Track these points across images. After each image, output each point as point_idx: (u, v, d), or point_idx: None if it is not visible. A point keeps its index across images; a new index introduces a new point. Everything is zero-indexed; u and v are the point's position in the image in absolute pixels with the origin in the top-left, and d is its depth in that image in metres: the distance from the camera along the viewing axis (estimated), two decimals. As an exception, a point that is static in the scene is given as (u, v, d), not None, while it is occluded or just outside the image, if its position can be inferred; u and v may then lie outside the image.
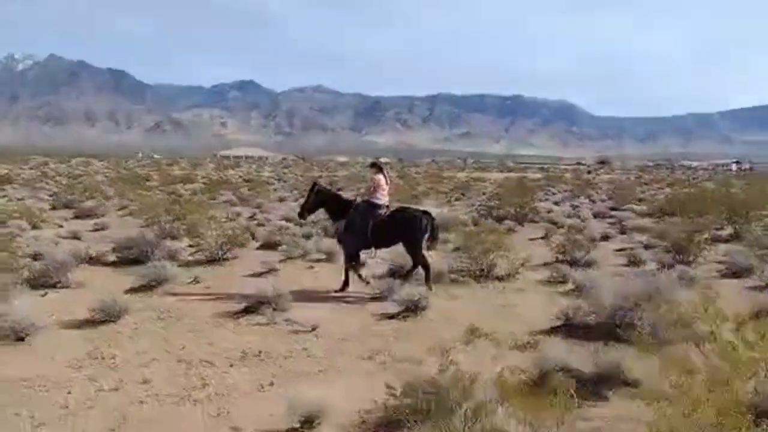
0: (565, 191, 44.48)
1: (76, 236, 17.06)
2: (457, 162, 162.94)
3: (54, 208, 26.18)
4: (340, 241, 11.13)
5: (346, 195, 13.23)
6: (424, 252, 10.64)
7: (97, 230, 19.29)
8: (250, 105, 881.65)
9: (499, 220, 21.32)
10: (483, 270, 11.54)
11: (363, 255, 11.14)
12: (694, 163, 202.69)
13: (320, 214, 12.22)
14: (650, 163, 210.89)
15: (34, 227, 18.75)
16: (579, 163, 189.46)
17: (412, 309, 8.79)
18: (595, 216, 25.14)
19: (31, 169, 67.78)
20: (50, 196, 33.60)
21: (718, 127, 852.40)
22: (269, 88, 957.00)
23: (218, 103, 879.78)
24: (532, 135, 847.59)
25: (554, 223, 21.43)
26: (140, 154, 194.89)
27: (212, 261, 13.10)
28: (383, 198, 10.88)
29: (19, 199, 30.23)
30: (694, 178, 73.69)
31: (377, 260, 11.84)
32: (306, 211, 11.31)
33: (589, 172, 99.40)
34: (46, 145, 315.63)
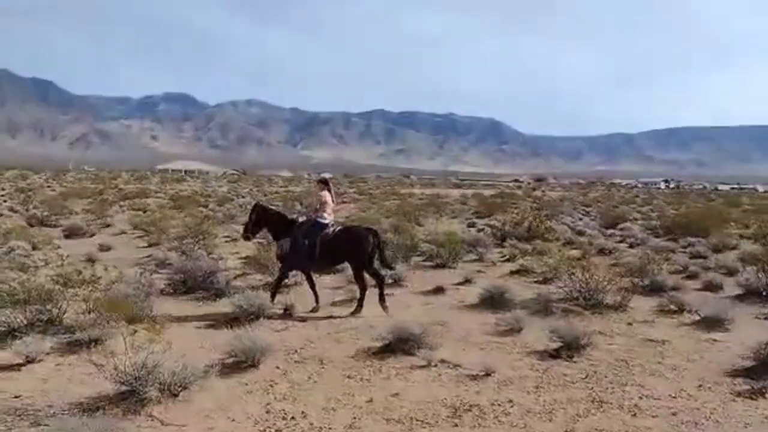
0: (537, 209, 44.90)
1: (90, 259, 15.47)
2: (400, 179, 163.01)
3: (31, 225, 24.12)
4: (282, 261, 10.76)
5: (289, 214, 12.74)
6: (377, 269, 10.55)
7: (102, 251, 17.66)
8: (182, 117, 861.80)
9: (517, 239, 20.81)
10: (590, 299, 10.84)
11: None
12: (624, 182, 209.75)
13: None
14: (582, 181, 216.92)
15: (34, 248, 17.01)
16: (516, 180, 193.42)
17: (575, 347, 8.02)
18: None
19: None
20: (13, 212, 31.29)
21: (640, 147, 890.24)
22: (202, 101, 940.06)
23: (148, 115, 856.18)
24: (465, 153, 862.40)
25: (569, 243, 21.14)
26: (70, 166, 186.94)
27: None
28: (329, 217, 10.68)
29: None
30: (641, 194, 76.18)
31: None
32: (250, 231, 11.00)
33: (534, 189, 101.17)
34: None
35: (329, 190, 10.94)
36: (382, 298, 10.25)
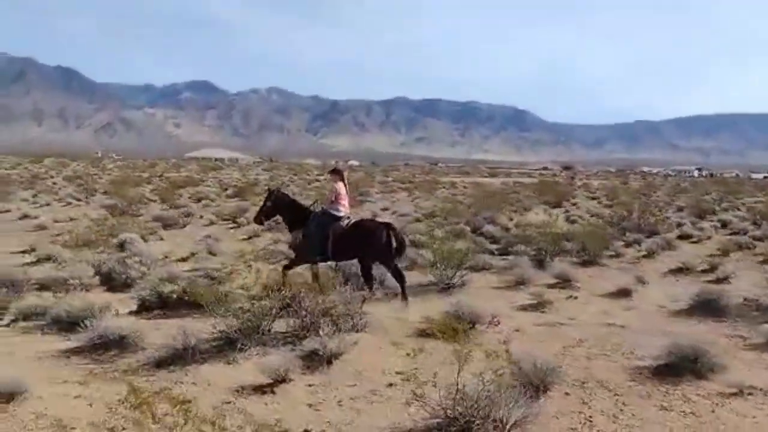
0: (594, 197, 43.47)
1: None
2: (431, 167, 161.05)
3: (113, 215, 23.33)
4: (296, 251, 10.55)
5: (304, 202, 11.95)
6: (398, 267, 10.13)
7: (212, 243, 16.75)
8: (204, 105, 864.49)
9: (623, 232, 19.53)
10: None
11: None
12: (654, 170, 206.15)
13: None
14: (612, 169, 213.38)
15: (144, 239, 16.17)
16: (545, 168, 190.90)
17: None
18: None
19: (8, 170, 63.37)
20: (77, 200, 30.65)
21: (663, 135, 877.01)
22: (224, 89, 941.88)
23: (171, 103, 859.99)
24: (487, 141, 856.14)
25: (687, 236, 19.93)
26: (99, 154, 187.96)
27: (444, 289, 10.94)
28: (343, 209, 10.20)
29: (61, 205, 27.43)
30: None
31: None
32: (263, 216, 10.72)
33: (572, 178, 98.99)
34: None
35: (343, 181, 10.40)
36: (403, 294, 9.77)
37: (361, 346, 7.28)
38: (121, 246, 14.97)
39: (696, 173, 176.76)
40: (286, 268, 10.13)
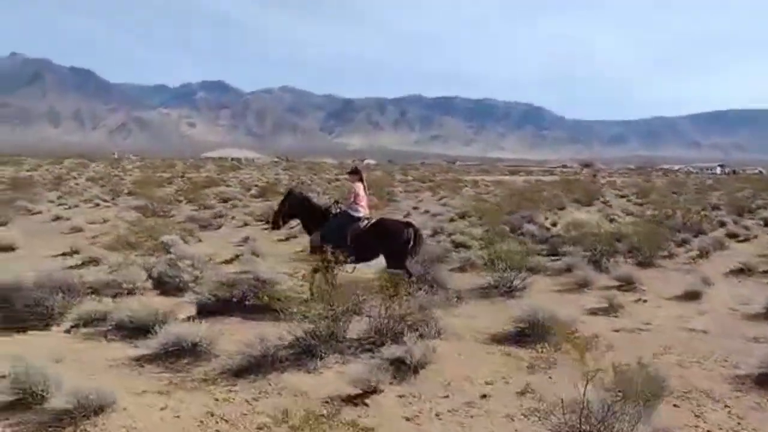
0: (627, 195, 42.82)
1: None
2: (448, 166, 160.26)
3: (146, 216, 23.20)
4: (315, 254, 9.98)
5: (321, 202, 11.75)
6: (409, 268, 9.85)
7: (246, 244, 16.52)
8: (218, 105, 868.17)
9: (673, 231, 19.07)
10: None
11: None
12: (675, 167, 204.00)
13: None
14: (632, 166, 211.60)
15: (184, 241, 15.95)
16: (564, 166, 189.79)
17: None
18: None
19: (29, 171, 63.69)
20: (104, 201, 30.59)
21: (683, 131, 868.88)
22: (238, 88, 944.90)
23: (185, 104, 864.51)
24: (503, 138, 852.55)
25: (733, 235, 19.40)
26: (116, 155, 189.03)
27: (506, 292, 10.60)
28: (362, 210, 10.13)
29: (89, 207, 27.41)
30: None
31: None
32: (280, 219, 10.58)
33: (594, 176, 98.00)
34: (9, 146, 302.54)
35: (362, 181, 10.32)
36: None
37: (439, 353, 6.98)
38: (163, 248, 14.77)
39: (718, 170, 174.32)
40: (312, 275, 9.83)
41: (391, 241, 9.76)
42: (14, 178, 43.97)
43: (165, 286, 10.77)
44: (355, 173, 10.66)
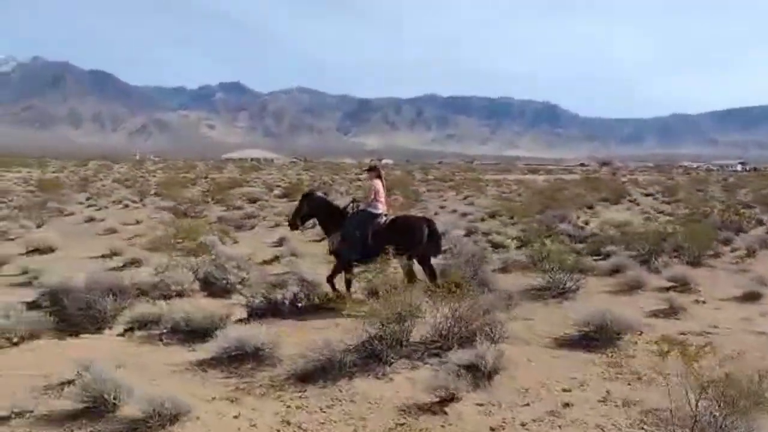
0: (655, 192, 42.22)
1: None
2: (467, 165, 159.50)
3: (177, 217, 23.20)
4: (336, 255, 10.12)
5: (339, 202, 11.55)
6: (432, 265, 9.96)
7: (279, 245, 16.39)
8: (236, 107, 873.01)
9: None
10: None
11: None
12: (694, 164, 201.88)
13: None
14: (651, 164, 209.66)
15: (222, 242, 15.85)
16: (582, 164, 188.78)
17: None
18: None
19: (55, 173, 64.28)
20: (134, 203, 30.69)
21: (700, 129, 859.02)
22: (255, 90, 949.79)
23: (204, 105, 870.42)
24: (519, 137, 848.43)
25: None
26: (137, 157, 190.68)
27: (560, 293, 10.33)
28: (381, 206, 10.09)
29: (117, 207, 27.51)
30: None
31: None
32: (298, 219, 10.50)
33: (614, 174, 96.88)
34: (31, 149, 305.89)
35: (381, 178, 10.31)
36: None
37: (508, 358, 6.74)
38: (203, 249, 14.68)
39: (739, 167, 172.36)
40: (331, 278, 9.87)
41: (411, 237, 9.69)
42: (41, 180, 44.46)
43: (212, 287, 10.66)
44: (374, 170, 10.63)
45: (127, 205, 29.79)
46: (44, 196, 29.95)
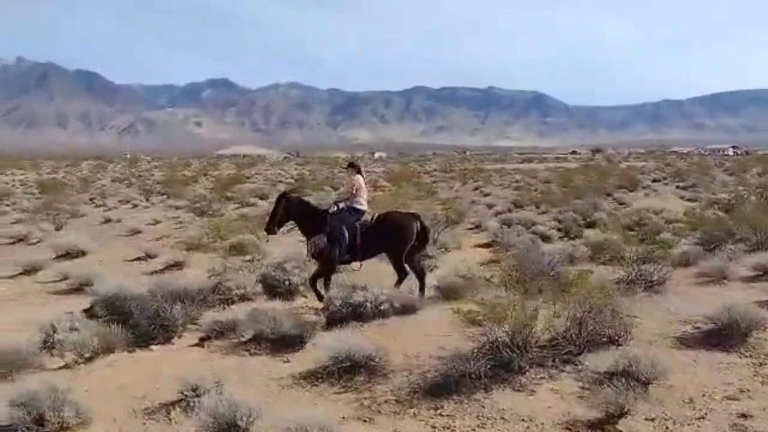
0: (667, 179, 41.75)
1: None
2: (462, 156, 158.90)
3: (196, 215, 22.51)
4: (318, 258, 9.46)
5: (319, 204, 11.38)
6: (420, 263, 9.79)
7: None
8: (224, 103, 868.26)
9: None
10: None
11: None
12: (685, 149, 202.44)
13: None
14: (642, 151, 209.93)
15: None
16: (574, 152, 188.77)
17: None
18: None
19: (50, 173, 63.26)
20: (149, 202, 29.91)
21: (688, 114, 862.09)
22: (243, 86, 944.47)
23: (192, 102, 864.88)
24: (508, 127, 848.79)
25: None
26: (128, 155, 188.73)
27: (650, 286, 9.69)
28: (364, 203, 9.71)
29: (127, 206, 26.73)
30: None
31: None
32: (275, 224, 9.69)
33: (619, 162, 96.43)
34: (19, 150, 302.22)
35: (361, 173, 10.03)
36: (422, 291, 9.18)
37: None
38: (239, 249, 14.04)
39: (731, 151, 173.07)
40: (314, 281, 9.36)
41: (402, 235, 9.32)
42: (41, 182, 43.51)
43: (274, 290, 9.99)
44: (354, 166, 10.27)
45: (135, 205, 29.07)
46: (48, 198, 29.14)
